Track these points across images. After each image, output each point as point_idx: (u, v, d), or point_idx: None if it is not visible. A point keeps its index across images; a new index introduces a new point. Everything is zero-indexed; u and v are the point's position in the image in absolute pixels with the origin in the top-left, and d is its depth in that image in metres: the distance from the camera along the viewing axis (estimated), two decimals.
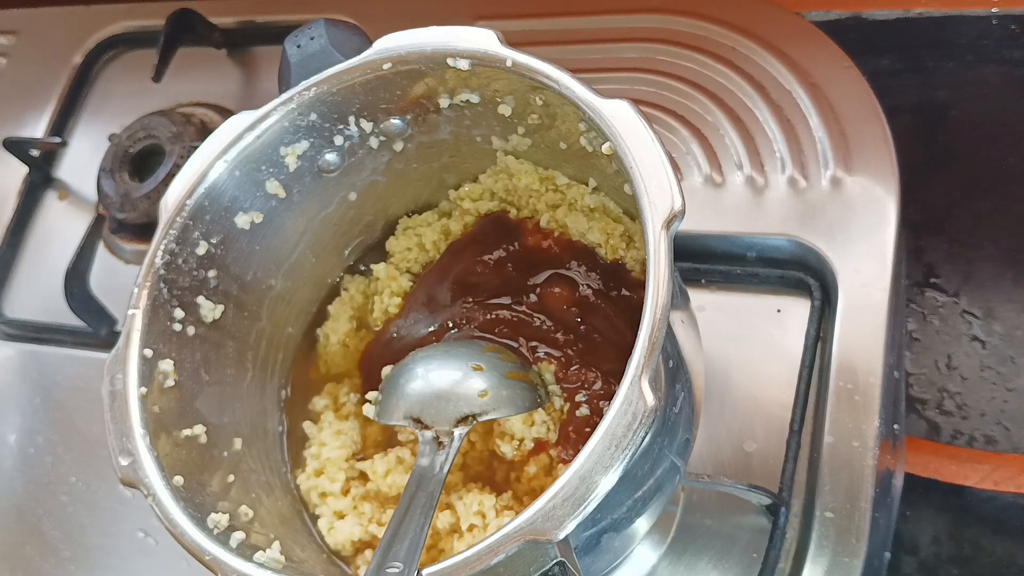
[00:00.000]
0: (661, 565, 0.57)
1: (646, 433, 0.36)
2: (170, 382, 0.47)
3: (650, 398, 0.36)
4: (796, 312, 0.62)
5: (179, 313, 0.48)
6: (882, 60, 0.81)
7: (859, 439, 0.56)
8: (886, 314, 0.59)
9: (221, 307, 0.50)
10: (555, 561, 0.36)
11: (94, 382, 0.45)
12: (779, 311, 0.63)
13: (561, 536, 0.35)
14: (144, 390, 0.45)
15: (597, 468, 0.35)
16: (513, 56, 0.45)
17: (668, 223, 0.39)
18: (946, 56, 0.81)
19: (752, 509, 0.56)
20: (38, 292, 0.81)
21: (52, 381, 0.78)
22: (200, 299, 0.49)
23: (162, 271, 0.47)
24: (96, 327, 0.75)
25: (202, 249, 0.49)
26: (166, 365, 0.46)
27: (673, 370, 0.45)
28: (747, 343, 0.62)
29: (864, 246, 0.61)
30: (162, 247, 0.47)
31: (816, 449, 0.57)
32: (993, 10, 0.76)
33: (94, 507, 0.71)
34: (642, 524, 0.50)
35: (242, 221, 0.51)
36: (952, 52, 0.80)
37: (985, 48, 0.79)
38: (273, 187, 0.51)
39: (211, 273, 0.50)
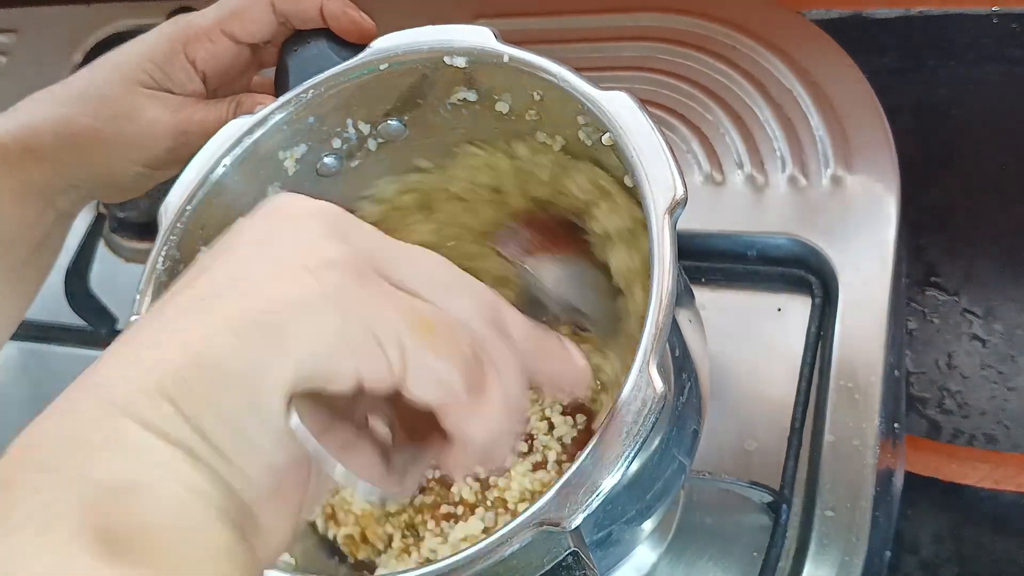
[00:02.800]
0: (661, 563, 0.57)
1: (656, 420, 0.35)
2: None
3: (659, 384, 0.35)
4: (797, 310, 0.62)
5: None
6: (883, 59, 0.81)
7: (860, 438, 0.56)
8: (887, 313, 0.59)
9: None
10: (569, 551, 0.35)
11: None
12: (780, 309, 0.63)
13: (574, 524, 0.35)
14: None
15: (607, 456, 0.35)
16: (509, 52, 0.45)
17: (671, 210, 0.39)
18: (947, 55, 0.80)
19: (752, 507, 0.56)
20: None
21: (53, 380, 0.77)
22: None
23: (163, 277, 0.47)
24: (97, 326, 0.75)
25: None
26: None
27: (679, 360, 0.45)
28: (748, 341, 0.62)
29: (865, 244, 0.61)
30: (163, 253, 0.47)
31: (817, 448, 0.57)
32: (993, 8, 0.76)
33: None
34: (647, 524, 0.50)
35: None
36: (953, 51, 0.80)
37: (986, 47, 0.78)
38: (273, 191, 0.51)
39: None
